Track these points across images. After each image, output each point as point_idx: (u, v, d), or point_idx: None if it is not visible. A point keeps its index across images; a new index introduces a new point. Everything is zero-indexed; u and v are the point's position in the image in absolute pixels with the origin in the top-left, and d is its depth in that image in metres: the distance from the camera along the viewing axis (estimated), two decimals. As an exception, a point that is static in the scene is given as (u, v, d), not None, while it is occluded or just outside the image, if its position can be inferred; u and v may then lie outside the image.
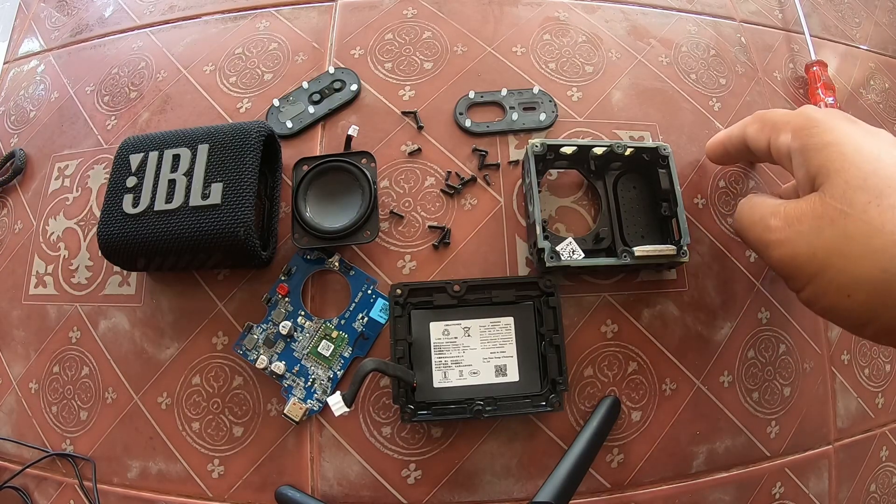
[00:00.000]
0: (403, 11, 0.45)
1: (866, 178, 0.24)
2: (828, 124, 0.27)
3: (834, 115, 0.28)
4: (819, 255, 0.25)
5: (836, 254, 0.25)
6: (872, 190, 0.24)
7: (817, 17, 0.52)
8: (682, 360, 0.37)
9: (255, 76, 0.43)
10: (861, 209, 0.24)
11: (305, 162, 0.38)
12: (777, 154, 0.30)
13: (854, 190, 0.24)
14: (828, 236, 0.25)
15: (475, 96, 0.41)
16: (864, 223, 0.24)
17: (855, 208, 0.24)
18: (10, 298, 0.41)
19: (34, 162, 0.45)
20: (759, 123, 0.32)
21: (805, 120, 0.28)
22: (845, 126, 0.27)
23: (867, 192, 0.24)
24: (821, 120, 0.27)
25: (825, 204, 0.25)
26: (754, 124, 0.32)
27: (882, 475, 0.40)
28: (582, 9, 0.46)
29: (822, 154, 0.26)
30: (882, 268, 0.23)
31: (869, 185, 0.24)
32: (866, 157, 0.25)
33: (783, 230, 0.27)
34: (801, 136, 0.28)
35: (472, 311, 0.35)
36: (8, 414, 0.39)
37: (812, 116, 0.28)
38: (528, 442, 0.35)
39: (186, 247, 0.33)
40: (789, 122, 0.29)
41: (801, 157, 0.27)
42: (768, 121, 0.31)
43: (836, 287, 0.25)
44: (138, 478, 0.36)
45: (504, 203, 0.39)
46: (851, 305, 0.25)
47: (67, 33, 0.51)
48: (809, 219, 0.26)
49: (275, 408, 0.36)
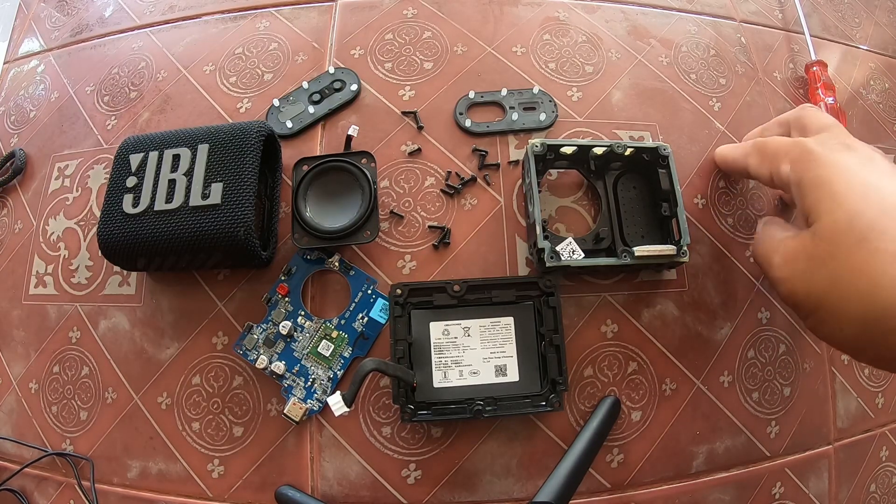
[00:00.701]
0: (403, 11, 0.45)
1: (852, 221, 0.25)
2: (822, 157, 0.27)
3: (830, 143, 0.28)
4: (814, 293, 0.26)
5: (828, 294, 0.26)
6: (857, 233, 0.24)
7: (817, 17, 0.52)
8: (682, 360, 0.37)
9: (255, 76, 0.43)
10: (846, 252, 0.25)
11: (305, 162, 0.38)
12: (781, 185, 0.30)
13: (841, 233, 0.25)
14: (820, 277, 0.26)
15: (475, 96, 0.41)
16: (849, 264, 0.25)
17: (841, 250, 0.25)
18: (10, 298, 0.41)
19: (34, 162, 0.45)
20: (759, 156, 0.32)
21: (801, 152, 0.28)
22: (840, 158, 0.27)
23: (851, 235, 0.25)
24: (816, 153, 0.28)
25: (816, 245, 0.26)
26: (754, 156, 0.33)
27: (882, 475, 0.40)
28: (582, 9, 0.46)
29: (814, 192, 0.27)
30: (865, 309, 0.24)
31: (854, 227, 0.25)
32: (855, 197, 0.25)
33: (783, 268, 0.28)
34: (797, 170, 0.28)
35: (472, 311, 0.35)
36: (8, 414, 0.39)
37: (808, 148, 0.28)
38: (528, 442, 0.35)
39: (186, 247, 0.33)
40: (788, 153, 0.29)
41: (797, 191, 0.28)
42: (768, 153, 0.31)
43: (831, 322, 0.26)
44: (138, 478, 0.36)
45: (504, 203, 0.39)
46: (845, 338, 0.26)
47: (67, 33, 0.51)
48: (804, 259, 0.27)
49: (275, 408, 0.36)
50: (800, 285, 0.27)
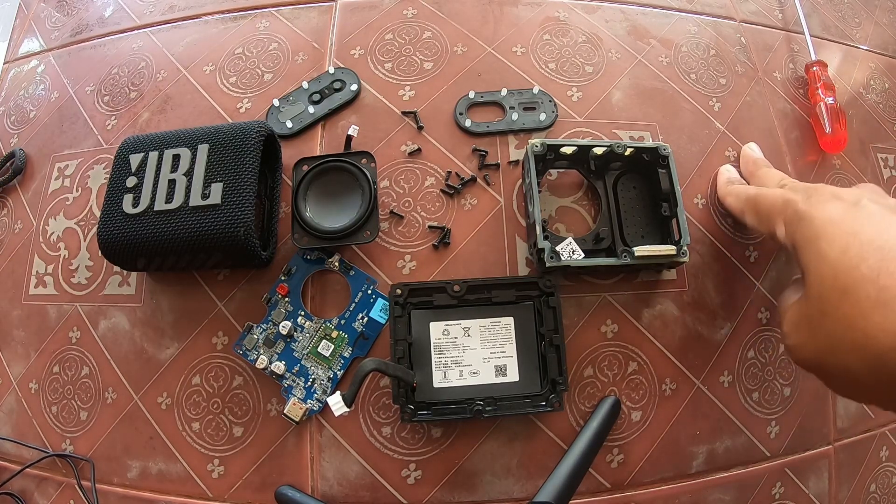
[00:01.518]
0: (403, 11, 0.45)
1: (836, 276, 0.25)
2: (808, 215, 0.27)
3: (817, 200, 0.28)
4: (820, 356, 0.26)
5: (830, 352, 0.26)
6: (840, 286, 0.24)
7: (817, 17, 0.52)
8: (682, 360, 0.37)
9: (255, 76, 0.43)
10: (834, 307, 0.25)
11: (305, 162, 0.38)
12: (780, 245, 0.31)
13: (827, 289, 0.25)
14: (820, 337, 0.26)
15: (475, 96, 0.41)
16: (839, 321, 0.25)
17: (830, 306, 0.25)
18: (10, 298, 0.41)
19: (34, 162, 0.45)
20: (755, 216, 0.32)
21: (792, 214, 0.29)
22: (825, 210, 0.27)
23: (836, 289, 0.25)
24: (802, 212, 0.28)
25: (810, 305, 0.26)
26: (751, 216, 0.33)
27: (882, 475, 0.40)
28: (582, 9, 0.46)
29: (805, 253, 0.27)
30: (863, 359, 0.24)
31: (839, 282, 0.25)
32: (836, 251, 0.25)
33: (791, 336, 0.29)
34: (789, 234, 0.29)
35: (472, 311, 0.35)
36: (8, 414, 0.39)
37: (798, 211, 0.28)
38: (528, 442, 0.35)
39: (186, 247, 0.33)
40: (781, 214, 0.30)
41: (793, 253, 0.29)
42: (763, 212, 0.32)
43: (841, 380, 0.26)
44: (138, 478, 0.36)
45: (504, 203, 0.39)
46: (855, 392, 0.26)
47: (67, 33, 0.51)
48: (804, 322, 0.27)
49: (275, 408, 0.36)
50: (807, 352, 0.27)
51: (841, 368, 0.25)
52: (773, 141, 0.43)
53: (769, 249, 0.40)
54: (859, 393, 0.26)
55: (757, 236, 0.40)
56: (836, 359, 0.25)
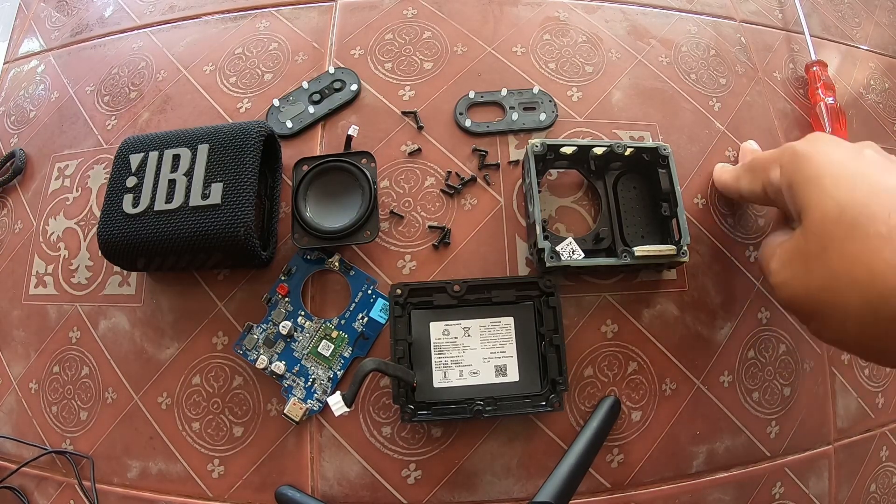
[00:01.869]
0: (403, 11, 0.45)
1: (842, 210, 0.24)
2: (810, 155, 0.27)
3: (818, 143, 0.28)
4: (812, 293, 0.26)
5: (826, 290, 0.25)
6: (848, 222, 0.24)
7: (817, 17, 0.52)
8: (682, 360, 0.37)
9: (255, 76, 0.43)
10: (839, 242, 0.24)
11: (305, 162, 0.38)
12: (773, 193, 0.30)
13: (831, 224, 0.25)
14: (816, 274, 0.26)
15: (475, 96, 0.41)
16: (843, 256, 0.24)
17: (834, 242, 0.24)
18: (10, 298, 0.41)
19: (34, 162, 0.45)
20: (751, 173, 0.32)
21: (791, 155, 0.28)
22: (827, 154, 0.27)
23: (843, 224, 0.24)
24: (803, 153, 0.28)
25: (809, 241, 0.26)
26: (746, 176, 0.33)
27: (882, 475, 0.40)
28: (582, 9, 0.46)
29: (804, 189, 0.27)
30: (865, 299, 0.23)
31: (845, 217, 0.24)
32: (843, 188, 0.25)
33: (780, 273, 0.28)
34: (787, 173, 0.28)
35: (472, 311, 0.35)
36: (8, 414, 0.39)
37: (796, 150, 0.28)
38: (528, 442, 0.35)
39: (186, 247, 0.33)
40: (777, 160, 0.29)
41: (788, 193, 0.28)
42: (758, 166, 0.31)
43: (833, 322, 0.26)
44: (138, 478, 0.36)
45: (504, 203, 0.39)
46: (850, 337, 0.25)
47: (67, 33, 0.51)
48: (799, 258, 0.27)
49: (275, 408, 0.36)
50: (797, 287, 0.27)
51: (835, 307, 0.25)
52: (773, 141, 0.43)
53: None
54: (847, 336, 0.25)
55: (754, 234, 0.40)
56: (831, 296, 0.25)
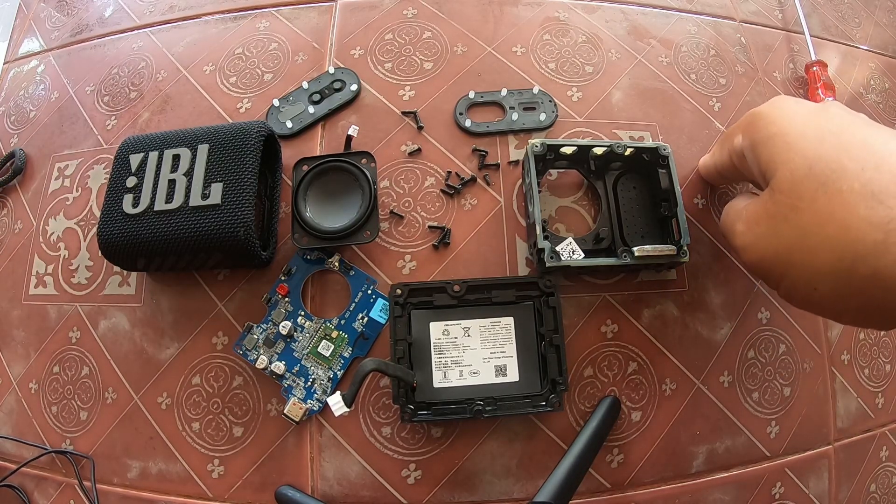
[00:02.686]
0: (403, 11, 0.45)
1: (811, 167, 0.24)
2: (771, 115, 0.26)
3: (779, 103, 0.27)
4: (781, 254, 0.25)
5: (796, 249, 0.24)
6: (818, 177, 0.23)
7: (817, 17, 0.52)
8: (682, 360, 0.37)
9: (255, 76, 0.43)
10: (810, 199, 0.23)
11: (305, 162, 0.38)
12: (738, 159, 0.30)
13: (800, 180, 0.24)
14: (785, 234, 0.25)
15: (475, 96, 0.41)
16: (814, 213, 0.23)
17: (804, 199, 0.24)
18: (10, 298, 0.41)
19: (34, 162, 0.45)
20: (719, 145, 0.32)
21: (751, 116, 0.28)
22: (789, 112, 0.26)
23: (813, 179, 0.23)
24: (765, 113, 0.27)
25: (776, 201, 0.25)
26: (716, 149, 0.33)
27: (882, 475, 0.40)
28: (582, 9, 0.46)
29: (767, 147, 0.26)
30: (838, 255, 0.23)
31: (814, 172, 0.23)
32: (810, 143, 0.24)
33: (745, 235, 0.27)
34: (749, 133, 0.27)
35: (472, 311, 0.35)
36: (8, 414, 0.39)
37: (757, 112, 0.28)
38: (528, 442, 0.35)
39: (186, 247, 0.33)
40: (739, 125, 0.29)
41: (751, 154, 0.27)
42: (725, 136, 0.31)
43: (803, 282, 0.25)
44: (138, 478, 0.36)
45: (504, 203, 0.39)
46: (822, 297, 0.25)
47: (67, 33, 0.51)
48: (765, 219, 0.26)
49: (275, 408, 0.36)
50: (765, 247, 0.26)
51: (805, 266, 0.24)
52: (773, 141, 0.43)
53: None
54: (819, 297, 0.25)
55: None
56: (802, 256, 0.24)
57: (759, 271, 0.27)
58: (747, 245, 0.27)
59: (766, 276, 0.27)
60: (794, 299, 0.27)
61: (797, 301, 0.27)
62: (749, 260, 0.28)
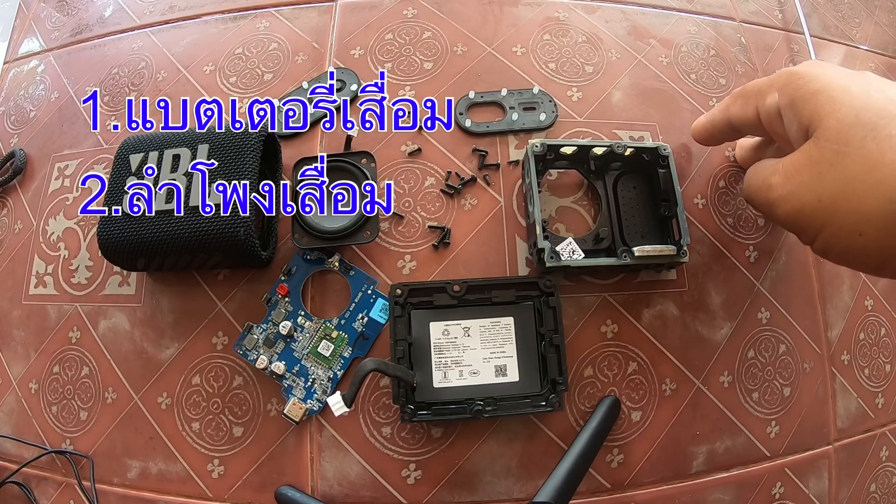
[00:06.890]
0: (403, 11, 0.45)
1: (858, 114, 0.24)
2: (811, 73, 0.26)
3: (815, 64, 0.27)
4: (825, 200, 0.25)
5: (841, 195, 0.24)
6: (866, 124, 0.23)
7: (817, 17, 0.52)
8: (682, 360, 0.37)
9: (255, 76, 0.43)
10: (858, 145, 0.23)
11: (305, 162, 0.38)
12: (768, 118, 0.29)
13: (848, 127, 0.24)
14: (829, 180, 0.24)
15: (475, 96, 0.41)
16: (862, 158, 0.23)
17: (851, 145, 0.24)
18: (10, 298, 0.41)
19: (34, 162, 0.45)
20: (742, 98, 0.31)
21: (788, 76, 0.28)
22: (829, 71, 0.26)
23: (861, 126, 0.23)
24: (804, 72, 0.27)
25: (821, 148, 0.25)
26: (737, 101, 0.32)
27: (882, 475, 0.40)
28: (582, 9, 0.46)
29: (811, 102, 0.26)
30: (888, 198, 0.22)
31: (862, 119, 0.23)
32: (856, 95, 0.24)
33: (784, 185, 0.27)
34: (787, 91, 0.27)
35: (472, 311, 0.35)
36: (8, 414, 0.39)
37: (794, 71, 0.27)
38: (528, 442, 0.35)
39: (186, 247, 0.33)
40: (773, 84, 0.29)
41: (791, 112, 0.27)
42: (751, 92, 0.30)
43: (848, 230, 0.24)
44: (138, 478, 0.36)
45: (504, 203, 0.39)
46: (866, 245, 0.24)
47: (67, 33, 0.51)
48: (808, 167, 0.25)
49: (275, 408, 0.36)
50: (807, 196, 0.25)
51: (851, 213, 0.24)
52: (773, 141, 0.43)
53: (769, 249, 0.40)
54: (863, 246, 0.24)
55: (755, 234, 0.40)
56: (847, 202, 0.24)
57: (797, 222, 0.27)
58: (787, 195, 0.27)
59: (806, 226, 0.26)
60: (832, 251, 0.26)
61: (836, 253, 0.26)
62: (788, 210, 0.27)
